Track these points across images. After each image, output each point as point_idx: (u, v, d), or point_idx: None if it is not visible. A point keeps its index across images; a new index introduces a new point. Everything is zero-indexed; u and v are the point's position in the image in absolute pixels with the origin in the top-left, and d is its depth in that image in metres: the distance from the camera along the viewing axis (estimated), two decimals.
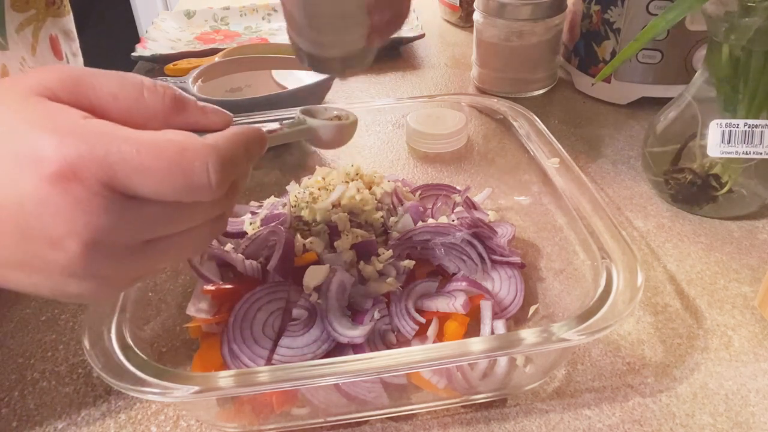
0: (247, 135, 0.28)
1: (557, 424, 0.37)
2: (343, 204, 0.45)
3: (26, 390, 0.41)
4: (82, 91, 0.26)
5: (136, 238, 0.25)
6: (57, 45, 0.58)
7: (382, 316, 0.39)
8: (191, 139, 0.25)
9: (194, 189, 0.25)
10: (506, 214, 0.53)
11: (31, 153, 0.23)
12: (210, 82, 0.68)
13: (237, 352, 0.37)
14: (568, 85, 0.78)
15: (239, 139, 0.27)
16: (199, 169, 0.25)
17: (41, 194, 0.23)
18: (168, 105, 0.27)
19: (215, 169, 0.25)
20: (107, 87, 0.26)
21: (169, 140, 0.24)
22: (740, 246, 0.50)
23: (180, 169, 0.24)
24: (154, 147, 0.24)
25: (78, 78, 0.26)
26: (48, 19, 0.56)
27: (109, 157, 0.23)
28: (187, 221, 0.27)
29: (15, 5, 0.51)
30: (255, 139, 0.29)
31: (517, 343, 0.32)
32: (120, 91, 0.26)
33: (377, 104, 0.61)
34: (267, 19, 1.04)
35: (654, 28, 0.46)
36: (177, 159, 0.24)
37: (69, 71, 0.26)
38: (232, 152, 0.26)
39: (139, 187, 0.24)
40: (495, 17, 0.72)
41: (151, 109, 0.27)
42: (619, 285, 0.34)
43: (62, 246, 0.24)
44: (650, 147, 0.55)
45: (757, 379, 0.39)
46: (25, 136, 0.23)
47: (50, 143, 0.23)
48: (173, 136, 0.25)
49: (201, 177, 0.25)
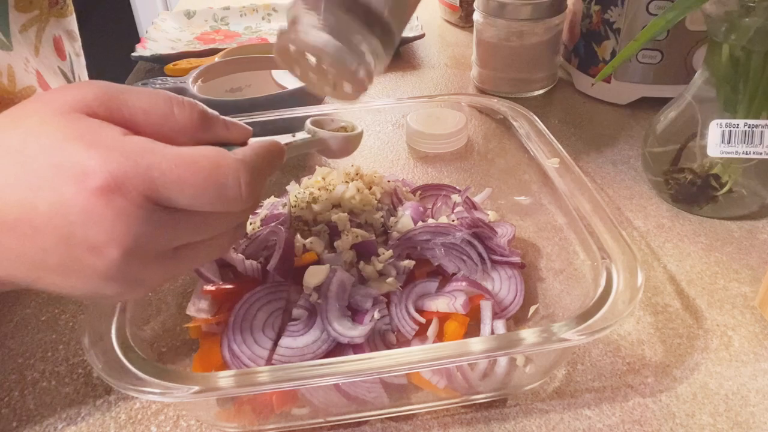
0: (270, 149, 0.31)
1: (557, 424, 0.37)
2: (343, 204, 0.45)
3: (26, 390, 0.41)
4: (117, 107, 0.27)
5: (170, 245, 0.28)
6: (60, 46, 0.58)
7: (382, 316, 0.39)
8: (223, 154, 0.27)
9: (227, 200, 0.27)
10: (506, 214, 0.53)
11: (76, 166, 0.25)
12: (210, 82, 0.67)
13: (237, 352, 0.37)
14: (568, 85, 0.78)
15: (264, 153, 0.30)
16: (232, 183, 0.27)
17: (86, 205, 0.25)
18: (196, 121, 0.29)
19: (246, 182, 0.28)
20: (139, 103, 0.28)
21: (204, 156, 0.27)
22: (740, 246, 0.50)
23: (215, 183, 0.27)
24: (191, 163, 0.26)
25: (112, 94, 0.27)
26: (51, 20, 0.56)
27: (150, 172, 0.25)
28: (217, 229, 0.30)
29: (18, 5, 0.51)
30: (276, 152, 0.32)
31: (517, 343, 0.32)
32: (151, 107, 0.28)
33: (377, 104, 0.61)
34: (267, 19, 1.04)
35: (654, 28, 0.46)
36: (212, 174, 0.27)
37: (104, 88, 0.28)
38: (260, 166, 0.29)
39: (177, 199, 0.26)
40: (495, 17, 0.72)
41: (181, 124, 0.29)
42: (619, 285, 0.34)
43: (103, 253, 0.26)
44: (650, 147, 0.55)
45: (757, 379, 0.39)
46: (68, 150, 0.25)
47: (95, 158, 0.25)
48: (207, 152, 0.27)
49: (234, 190, 0.27)
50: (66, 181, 0.25)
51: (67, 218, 0.25)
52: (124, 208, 0.25)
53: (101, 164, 0.25)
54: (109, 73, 0.78)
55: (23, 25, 0.52)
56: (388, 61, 0.35)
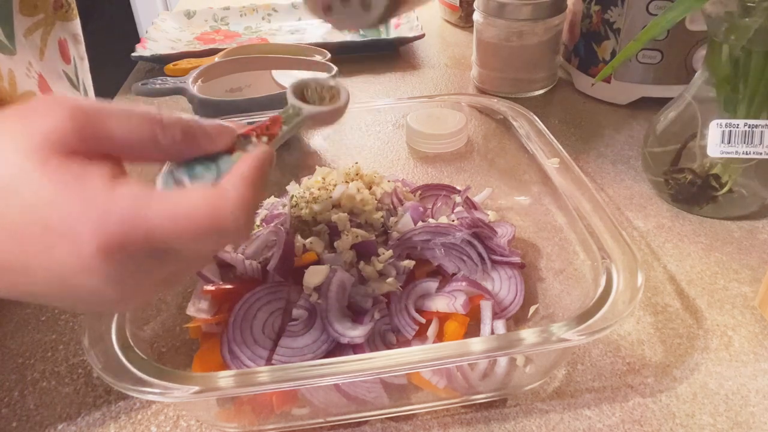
0: (260, 166, 0.29)
1: (557, 424, 0.37)
2: (343, 204, 0.45)
3: (26, 390, 0.41)
4: (96, 138, 0.26)
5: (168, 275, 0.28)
6: (66, 49, 0.58)
7: (382, 316, 0.39)
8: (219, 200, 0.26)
9: (227, 241, 0.28)
10: (506, 214, 0.53)
11: (67, 228, 0.24)
12: (210, 82, 0.68)
13: (237, 352, 0.37)
14: (568, 85, 0.78)
15: (257, 174, 0.29)
16: (232, 226, 0.26)
17: (83, 265, 0.24)
18: (179, 140, 0.28)
19: (244, 219, 0.27)
20: (120, 132, 0.26)
21: (200, 207, 0.26)
22: (740, 246, 0.50)
23: (215, 232, 0.26)
24: (189, 217, 0.25)
25: (91, 124, 0.25)
26: (57, 23, 0.56)
27: (149, 233, 0.25)
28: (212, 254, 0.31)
29: (23, 9, 0.51)
30: (267, 164, 0.30)
31: (517, 343, 0.32)
32: (134, 135, 0.27)
33: (377, 104, 0.61)
34: (267, 19, 1.04)
35: (654, 28, 0.46)
36: (212, 225, 0.26)
37: (80, 115, 0.25)
38: (254, 194, 0.28)
39: (177, 248, 0.26)
40: (495, 17, 0.72)
41: (164, 146, 0.28)
42: (619, 285, 0.34)
43: (103, 296, 0.26)
44: (650, 147, 0.55)
45: (757, 379, 0.39)
46: (55, 209, 0.24)
47: (87, 220, 0.24)
48: (203, 202, 0.26)
49: (234, 231, 0.27)
50: (59, 244, 0.24)
51: (63, 274, 0.24)
52: (124, 262, 0.25)
53: (96, 227, 0.24)
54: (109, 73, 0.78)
55: (28, 28, 0.52)
56: None
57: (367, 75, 0.85)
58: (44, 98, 0.26)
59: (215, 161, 0.29)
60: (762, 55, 0.46)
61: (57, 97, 0.27)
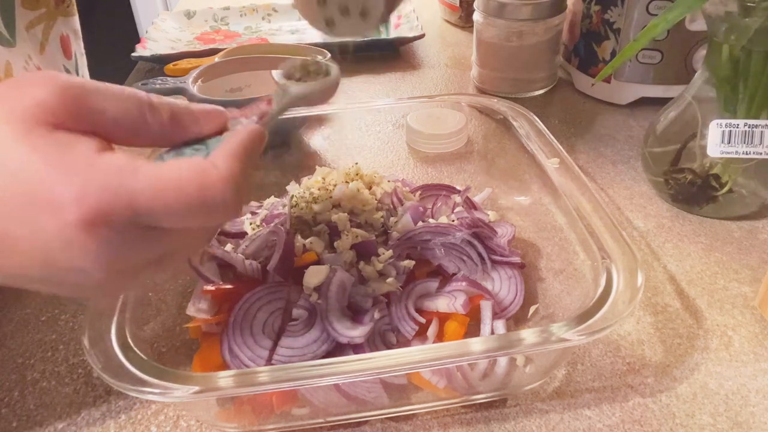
0: (250, 141, 0.29)
1: (557, 424, 0.37)
2: (343, 204, 0.45)
3: (26, 390, 0.41)
4: (84, 113, 0.25)
5: (156, 255, 0.27)
6: (68, 44, 0.58)
7: (382, 316, 0.39)
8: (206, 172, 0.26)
9: (215, 216, 0.26)
10: (506, 214, 0.53)
11: (50, 197, 0.23)
12: (210, 82, 0.68)
13: (237, 352, 0.37)
14: (568, 85, 0.78)
15: (245, 149, 0.28)
16: (219, 200, 0.26)
17: (67, 236, 0.23)
18: (167, 123, 0.28)
19: (232, 191, 0.26)
20: (110, 111, 0.26)
21: (187, 179, 0.25)
22: (740, 246, 0.50)
23: (202, 205, 0.25)
24: (176, 188, 0.25)
25: (79, 98, 0.25)
26: (59, 18, 0.56)
27: (133, 201, 0.24)
28: (203, 234, 0.29)
29: (25, 3, 0.51)
30: (256, 140, 0.30)
31: (517, 343, 0.32)
32: (123, 115, 0.26)
33: (377, 104, 0.61)
34: (267, 19, 1.04)
35: (654, 28, 0.46)
36: (198, 196, 0.25)
37: (68, 89, 0.25)
38: (242, 168, 0.27)
39: (162, 222, 0.25)
40: (495, 17, 0.72)
41: (153, 129, 0.27)
42: (619, 285, 0.34)
43: (88, 274, 0.25)
44: (650, 147, 0.55)
45: (757, 379, 0.39)
46: (38, 178, 0.23)
47: (71, 188, 0.23)
48: (190, 174, 0.25)
49: (221, 206, 0.26)
50: (42, 213, 0.23)
51: (47, 246, 0.24)
52: (108, 236, 0.24)
53: (79, 196, 0.23)
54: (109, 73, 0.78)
55: (30, 22, 0.52)
56: None
57: (367, 75, 0.85)
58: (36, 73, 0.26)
59: (205, 143, 0.29)
60: (762, 55, 0.46)
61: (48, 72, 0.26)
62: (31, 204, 0.23)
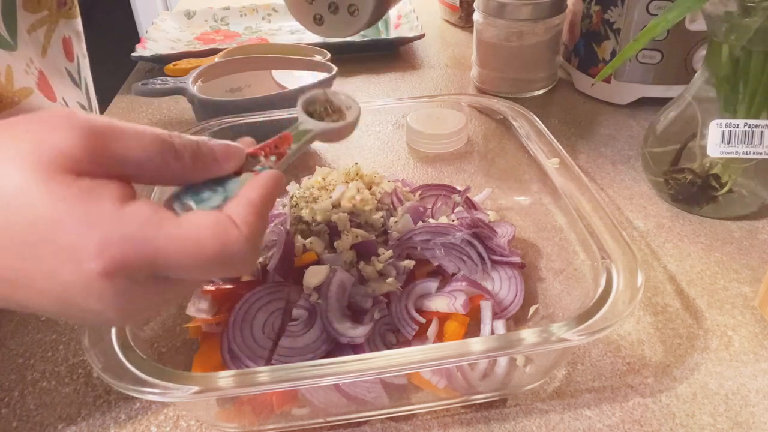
0: (270, 191, 0.29)
1: (557, 424, 0.37)
2: (343, 204, 0.45)
3: (26, 390, 0.41)
4: (108, 159, 0.25)
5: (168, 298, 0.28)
6: (70, 47, 0.58)
7: (382, 316, 0.39)
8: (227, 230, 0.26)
9: (232, 271, 0.27)
10: (506, 214, 0.53)
11: (73, 248, 0.23)
12: (210, 82, 0.67)
13: (237, 352, 0.37)
14: (568, 85, 0.78)
15: (264, 201, 0.28)
16: (239, 256, 0.26)
17: (87, 284, 0.24)
18: (189, 165, 0.28)
19: (251, 249, 0.27)
20: (133, 156, 0.26)
21: (208, 237, 0.25)
22: (740, 246, 0.50)
23: (222, 263, 0.26)
24: (196, 246, 0.25)
25: (102, 144, 0.25)
26: (61, 21, 0.56)
27: (154, 257, 0.24)
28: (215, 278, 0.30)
29: (27, 6, 0.51)
30: (275, 188, 0.30)
31: (517, 343, 0.32)
32: (146, 159, 0.26)
33: (377, 104, 0.61)
34: (267, 19, 1.04)
35: (654, 28, 0.46)
36: (219, 255, 0.25)
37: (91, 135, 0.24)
38: (262, 222, 0.28)
39: (181, 276, 0.26)
40: (495, 17, 0.72)
41: (175, 171, 0.27)
42: (619, 285, 0.34)
43: (102, 314, 0.25)
44: (650, 147, 0.55)
45: (757, 379, 0.39)
46: (61, 228, 0.23)
47: (94, 241, 0.23)
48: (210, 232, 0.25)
49: (240, 261, 0.26)
50: (64, 262, 0.23)
51: (65, 289, 0.24)
52: (126, 286, 0.24)
53: (102, 249, 0.23)
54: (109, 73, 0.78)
55: (32, 25, 0.52)
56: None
57: (367, 75, 0.85)
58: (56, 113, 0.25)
59: (223, 184, 0.29)
60: (762, 55, 0.46)
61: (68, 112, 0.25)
62: (52, 254, 0.23)
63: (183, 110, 0.76)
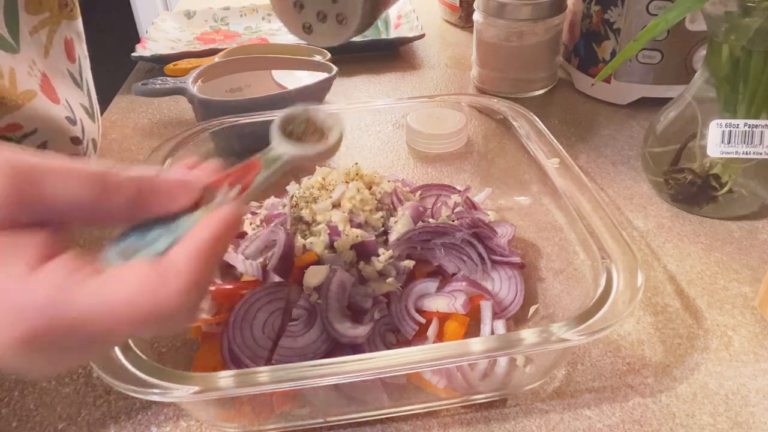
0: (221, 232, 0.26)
1: (557, 424, 0.37)
2: (343, 204, 0.45)
3: (26, 390, 0.41)
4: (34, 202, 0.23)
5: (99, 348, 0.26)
6: (71, 48, 0.58)
7: (382, 316, 0.39)
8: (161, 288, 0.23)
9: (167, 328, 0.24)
10: (506, 214, 0.53)
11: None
12: (210, 82, 0.68)
13: (237, 352, 0.37)
14: (568, 85, 0.78)
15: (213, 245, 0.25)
16: (174, 315, 0.23)
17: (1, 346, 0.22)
18: (132, 200, 0.25)
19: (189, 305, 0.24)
20: (65, 196, 0.23)
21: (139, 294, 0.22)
22: (740, 246, 0.50)
23: (152, 320, 0.23)
24: (120, 308, 0.22)
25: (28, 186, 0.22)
26: (62, 22, 0.56)
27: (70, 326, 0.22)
28: None
29: (29, 8, 0.51)
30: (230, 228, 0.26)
31: (517, 343, 0.32)
32: (81, 198, 0.24)
33: (377, 104, 0.61)
34: (267, 19, 1.04)
35: (654, 29, 0.46)
36: (149, 314, 0.23)
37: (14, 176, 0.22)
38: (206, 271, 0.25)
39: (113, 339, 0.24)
40: (495, 17, 0.72)
41: (115, 210, 0.25)
42: (619, 285, 0.34)
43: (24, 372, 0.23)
44: (650, 147, 0.55)
45: (757, 379, 0.39)
46: None
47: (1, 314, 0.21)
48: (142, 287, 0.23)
49: (175, 319, 0.24)
50: None
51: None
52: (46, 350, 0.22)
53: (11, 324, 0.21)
54: (109, 73, 0.78)
55: (34, 26, 0.52)
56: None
57: (367, 75, 0.85)
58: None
59: (177, 220, 0.26)
60: (762, 55, 0.46)
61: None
62: None
63: (183, 110, 0.76)
